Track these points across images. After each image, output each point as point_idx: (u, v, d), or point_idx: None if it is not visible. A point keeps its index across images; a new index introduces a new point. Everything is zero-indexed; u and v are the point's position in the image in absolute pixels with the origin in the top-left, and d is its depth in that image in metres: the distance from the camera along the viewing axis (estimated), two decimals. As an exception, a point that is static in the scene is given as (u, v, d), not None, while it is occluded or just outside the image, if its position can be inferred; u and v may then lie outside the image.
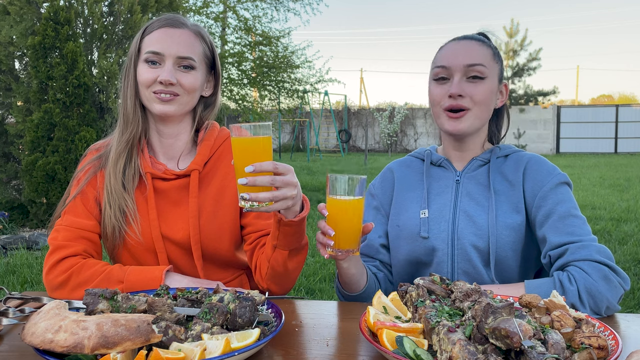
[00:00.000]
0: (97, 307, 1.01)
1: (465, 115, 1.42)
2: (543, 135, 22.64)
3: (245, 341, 0.95)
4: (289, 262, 1.36)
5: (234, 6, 13.10)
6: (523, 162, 1.47)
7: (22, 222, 6.66)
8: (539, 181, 1.42)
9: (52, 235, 1.44)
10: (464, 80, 1.42)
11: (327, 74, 14.27)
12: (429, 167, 1.56)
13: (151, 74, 1.42)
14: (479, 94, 1.41)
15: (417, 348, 0.91)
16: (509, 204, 1.43)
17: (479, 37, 1.49)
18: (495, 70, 1.45)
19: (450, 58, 1.44)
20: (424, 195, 1.51)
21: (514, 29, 24.64)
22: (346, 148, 23.47)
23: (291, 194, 1.18)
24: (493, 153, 1.50)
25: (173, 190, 1.49)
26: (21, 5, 6.50)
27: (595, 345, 0.90)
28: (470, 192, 1.47)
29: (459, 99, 1.41)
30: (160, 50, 1.42)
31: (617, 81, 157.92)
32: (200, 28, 1.51)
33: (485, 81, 1.42)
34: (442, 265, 1.45)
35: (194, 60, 1.45)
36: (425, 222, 1.47)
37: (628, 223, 6.65)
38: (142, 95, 1.46)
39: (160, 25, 1.45)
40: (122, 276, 1.35)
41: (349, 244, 1.20)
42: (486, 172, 1.48)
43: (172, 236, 1.47)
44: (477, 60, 1.41)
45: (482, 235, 1.42)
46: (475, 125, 1.45)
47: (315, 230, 1.24)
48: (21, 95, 6.46)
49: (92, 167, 1.50)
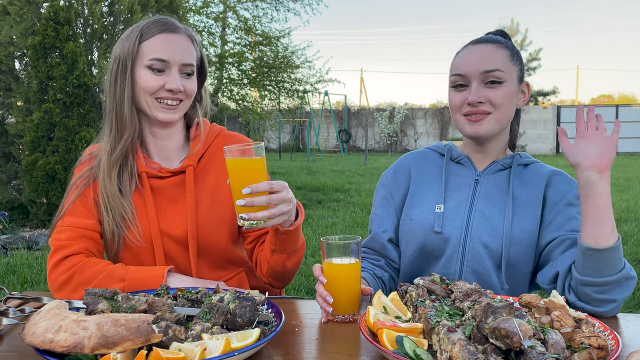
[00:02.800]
0: (97, 307, 1.01)
1: (486, 119, 1.41)
2: (543, 135, 22.64)
3: (245, 341, 0.95)
4: (287, 263, 1.43)
5: (234, 6, 13.10)
6: (546, 172, 1.47)
7: (22, 222, 6.66)
8: (565, 190, 1.43)
9: (54, 236, 1.44)
10: (482, 87, 1.41)
11: (327, 74, 14.30)
12: (448, 162, 1.55)
13: (157, 82, 1.41)
14: (498, 98, 1.40)
15: (417, 348, 0.91)
16: (526, 211, 1.42)
17: (495, 39, 1.46)
18: (513, 71, 1.43)
19: (466, 65, 1.42)
20: (441, 190, 1.50)
21: (514, 29, 24.66)
22: (346, 148, 23.47)
23: (287, 210, 1.22)
24: (515, 160, 1.49)
25: (169, 187, 1.50)
26: (21, 5, 6.51)
27: (595, 345, 0.90)
28: (489, 193, 1.46)
29: (478, 105, 1.40)
30: (166, 58, 1.41)
31: (617, 81, 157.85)
32: (192, 31, 1.52)
33: (504, 85, 1.40)
34: (451, 262, 1.45)
35: (194, 66, 1.47)
36: (440, 217, 1.47)
37: (628, 223, 6.65)
38: (141, 101, 1.45)
39: (159, 30, 1.44)
40: (124, 275, 1.35)
41: (349, 309, 1.22)
42: (506, 177, 1.48)
43: (171, 232, 1.48)
44: (493, 66, 1.39)
45: (496, 237, 1.41)
46: (496, 129, 1.43)
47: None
48: (21, 95, 6.46)
49: (85, 178, 1.49)
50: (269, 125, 18.01)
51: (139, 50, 1.43)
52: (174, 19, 1.51)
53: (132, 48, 1.43)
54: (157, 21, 1.46)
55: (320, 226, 6.46)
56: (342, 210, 7.68)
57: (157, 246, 1.47)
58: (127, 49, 1.43)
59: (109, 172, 1.44)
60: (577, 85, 45.12)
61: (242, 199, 1.16)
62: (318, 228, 6.35)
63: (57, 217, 1.47)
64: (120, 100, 1.44)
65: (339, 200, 8.77)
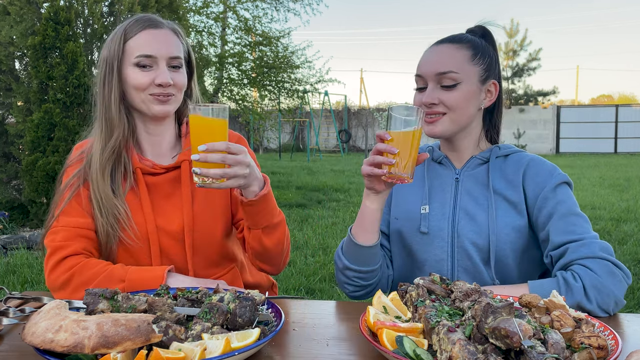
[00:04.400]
0: (97, 307, 1.01)
1: (440, 120, 1.43)
2: (543, 135, 22.64)
3: (245, 341, 0.95)
4: (265, 240, 1.43)
5: (234, 6, 13.11)
6: (523, 163, 1.47)
7: (22, 222, 6.66)
8: (540, 182, 1.42)
9: (50, 237, 1.43)
10: (437, 88, 1.42)
11: (327, 74, 14.32)
12: (430, 163, 1.57)
13: (146, 78, 1.42)
14: (452, 100, 1.41)
15: (417, 348, 0.91)
16: (508, 204, 1.43)
17: (459, 38, 1.47)
18: (473, 72, 1.43)
19: (423, 67, 1.45)
20: (425, 191, 1.52)
21: (514, 29, 24.65)
22: (346, 148, 23.47)
23: (243, 173, 1.26)
24: (493, 152, 1.50)
25: (164, 183, 1.51)
26: (21, 6, 6.51)
27: (595, 345, 0.90)
28: (470, 190, 1.48)
29: (432, 107, 1.43)
30: (152, 53, 1.42)
31: (617, 81, 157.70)
32: (175, 25, 1.53)
33: (459, 87, 1.41)
34: (442, 262, 1.46)
35: (182, 59, 1.48)
36: (426, 217, 1.48)
37: (628, 223, 6.65)
38: (133, 99, 1.45)
39: (142, 27, 1.44)
40: (124, 275, 1.35)
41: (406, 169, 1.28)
42: (485, 171, 1.49)
43: (167, 228, 1.48)
44: (447, 68, 1.40)
45: (482, 234, 1.42)
46: (452, 129, 1.45)
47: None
48: (21, 96, 6.46)
49: (79, 178, 1.48)
50: (269, 125, 18.02)
51: (124, 50, 1.44)
52: (157, 16, 1.52)
53: (118, 48, 1.44)
54: (140, 19, 1.47)
55: (320, 226, 6.47)
56: (342, 210, 7.69)
57: (153, 243, 1.47)
58: (113, 51, 1.44)
59: (101, 172, 1.44)
60: (577, 85, 45.18)
61: (197, 154, 1.21)
62: (318, 228, 6.35)
63: (50, 218, 1.46)
64: (109, 102, 1.45)
65: (339, 200, 8.77)
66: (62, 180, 1.51)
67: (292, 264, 4.79)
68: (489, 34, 1.53)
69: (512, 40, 24.57)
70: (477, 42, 1.46)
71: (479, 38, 1.49)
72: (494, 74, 1.48)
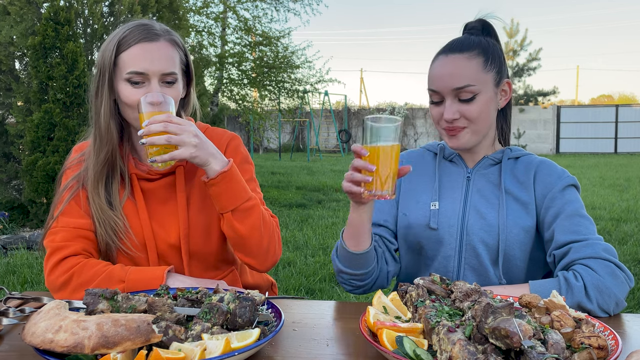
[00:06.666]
0: (97, 307, 1.01)
1: (462, 132, 1.43)
2: (543, 135, 22.64)
3: (245, 341, 0.95)
4: (237, 225, 1.39)
5: (234, 6, 13.09)
6: (534, 165, 1.48)
7: (22, 222, 6.65)
8: (550, 183, 1.43)
9: (49, 238, 1.42)
10: (455, 102, 1.40)
11: (327, 74, 14.30)
12: (441, 160, 1.57)
13: (137, 95, 1.37)
14: (473, 113, 1.40)
15: (417, 348, 0.91)
16: (519, 204, 1.44)
17: (468, 44, 1.42)
18: (488, 79, 1.41)
19: (439, 81, 1.42)
20: (435, 187, 1.52)
21: (514, 29, 24.65)
22: (346, 148, 23.47)
23: (190, 141, 1.29)
24: (505, 154, 1.51)
25: (160, 189, 1.50)
26: (21, 6, 6.50)
27: (595, 345, 0.90)
28: (481, 189, 1.48)
29: (454, 122, 1.42)
30: (144, 70, 1.37)
31: (617, 81, 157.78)
32: (173, 34, 1.48)
33: (478, 97, 1.40)
34: (449, 259, 1.46)
35: (176, 74, 1.43)
36: (435, 213, 1.48)
37: (628, 223, 6.65)
38: (126, 114, 1.43)
39: (136, 40, 1.39)
40: (124, 276, 1.35)
41: (386, 186, 1.22)
42: (497, 172, 1.49)
43: (163, 233, 1.48)
44: (464, 82, 1.38)
45: (492, 232, 1.43)
46: (475, 140, 1.45)
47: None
48: (21, 96, 6.46)
49: (78, 180, 1.48)
50: (269, 125, 18.00)
51: (117, 63, 1.39)
52: (154, 22, 1.46)
53: (109, 61, 1.39)
54: (135, 29, 1.40)
55: (320, 226, 6.47)
56: (342, 210, 7.69)
57: (150, 249, 1.47)
58: (106, 62, 1.40)
59: (96, 185, 1.44)
60: (577, 85, 45.18)
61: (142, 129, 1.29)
62: (318, 228, 6.35)
63: (49, 219, 1.46)
64: (99, 113, 1.43)
65: (339, 200, 8.77)
66: (61, 182, 1.51)
67: (292, 264, 4.79)
68: (491, 27, 1.50)
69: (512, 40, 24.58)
70: (485, 45, 1.44)
71: (483, 37, 1.46)
72: (505, 72, 1.47)
